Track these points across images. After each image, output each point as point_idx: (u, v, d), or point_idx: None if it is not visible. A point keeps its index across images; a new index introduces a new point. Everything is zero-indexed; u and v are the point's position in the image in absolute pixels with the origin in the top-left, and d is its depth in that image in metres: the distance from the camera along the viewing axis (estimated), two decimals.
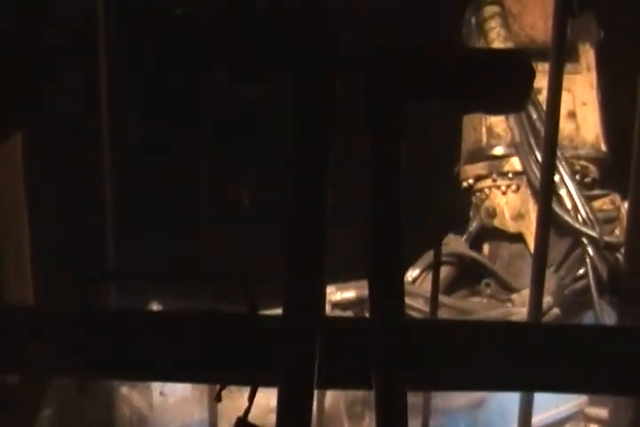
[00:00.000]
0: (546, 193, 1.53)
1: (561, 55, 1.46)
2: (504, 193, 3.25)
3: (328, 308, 2.82)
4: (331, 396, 2.43)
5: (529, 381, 1.30)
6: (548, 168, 1.52)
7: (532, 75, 1.07)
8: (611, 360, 1.26)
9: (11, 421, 1.51)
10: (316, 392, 1.08)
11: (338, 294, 2.85)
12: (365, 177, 1.06)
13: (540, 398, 1.61)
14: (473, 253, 3.23)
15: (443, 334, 1.28)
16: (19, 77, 1.46)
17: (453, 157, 3.36)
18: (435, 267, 1.60)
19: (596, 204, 3.14)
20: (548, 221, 1.53)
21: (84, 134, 1.61)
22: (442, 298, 2.89)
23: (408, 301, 2.56)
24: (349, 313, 2.78)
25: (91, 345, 1.23)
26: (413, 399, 1.09)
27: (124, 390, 2.33)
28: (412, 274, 3.04)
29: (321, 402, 2.02)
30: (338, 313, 2.80)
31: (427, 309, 2.74)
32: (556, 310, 2.88)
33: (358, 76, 1.05)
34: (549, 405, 2.62)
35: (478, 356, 1.25)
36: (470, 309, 2.91)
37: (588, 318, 2.90)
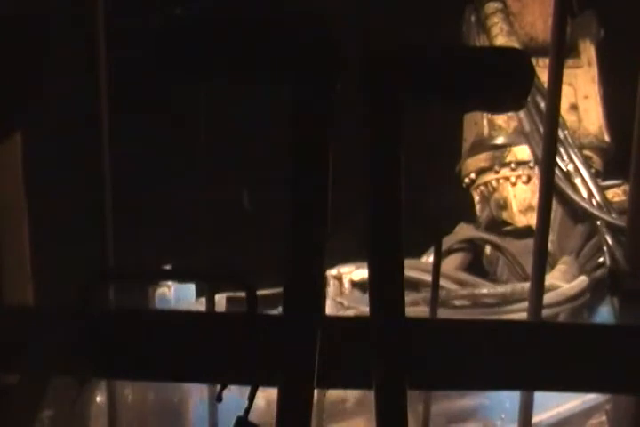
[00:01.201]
0: (546, 191, 1.52)
1: (561, 55, 1.46)
2: (513, 184, 3.22)
3: (348, 287, 2.78)
4: None
5: (529, 380, 1.30)
6: (548, 163, 1.52)
7: (531, 73, 1.07)
8: (611, 359, 1.26)
9: (11, 421, 1.51)
10: (316, 392, 1.08)
11: (359, 272, 2.78)
12: (365, 177, 1.06)
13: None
14: (485, 235, 3.19)
15: (443, 334, 1.28)
16: (19, 77, 1.46)
17: (455, 155, 3.34)
18: (434, 268, 1.60)
19: (608, 194, 3.12)
20: (548, 218, 1.53)
21: (84, 135, 1.61)
22: (464, 276, 2.88)
23: (427, 278, 2.54)
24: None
25: (91, 345, 1.23)
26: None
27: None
28: (427, 260, 3.01)
29: (321, 402, 2.02)
30: (357, 293, 2.75)
31: (447, 285, 2.74)
32: (587, 295, 2.83)
33: (358, 76, 1.05)
34: (572, 396, 2.60)
35: (479, 355, 1.25)
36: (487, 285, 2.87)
37: (605, 309, 2.87)
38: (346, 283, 2.78)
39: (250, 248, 2.75)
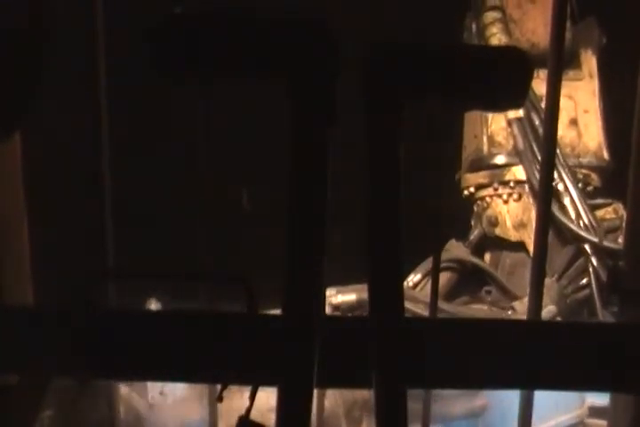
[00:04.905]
0: (545, 200, 1.53)
1: (559, 62, 1.46)
2: (505, 202, 3.23)
3: (328, 310, 2.80)
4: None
5: (529, 379, 1.30)
6: (547, 176, 1.52)
7: (530, 72, 1.07)
8: (611, 358, 1.26)
9: (11, 421, 1.51)
10: (315, 392, 1.08)
11: (339, 296, 2.83)
12: (365, 177, 1.06)
13: (540, 409, 1.60)
14: (474, 259, 3.21)
15: (443, 334, 1.28)
16: (18, 77, 1.46)
17: (454, 163, 3.34)
18: (434, 272, 1.60)
19: (599, 213, 3.11)
20: (547, 225, 1.53)
21: (85, 135, 1.61)
22: (442, 304, 2.87)
23: (409, 306, 2.56)
24: None
25: (91, 345, 1.23)
26: (412, 406, 1.09)
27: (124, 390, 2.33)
28: (413, 279, 3.03)
29: (321, 402, 2.02)
30: None
31: (427, 314, 2.74)
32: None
33: (358, 76, 1.05)
34: (550, 415, 2.59)
35: (478, 354, 1.25)
36: (471, 316, 2.89)
37: None
38: (326, 306, 2.79)
39: (250, 248, 2.75)
